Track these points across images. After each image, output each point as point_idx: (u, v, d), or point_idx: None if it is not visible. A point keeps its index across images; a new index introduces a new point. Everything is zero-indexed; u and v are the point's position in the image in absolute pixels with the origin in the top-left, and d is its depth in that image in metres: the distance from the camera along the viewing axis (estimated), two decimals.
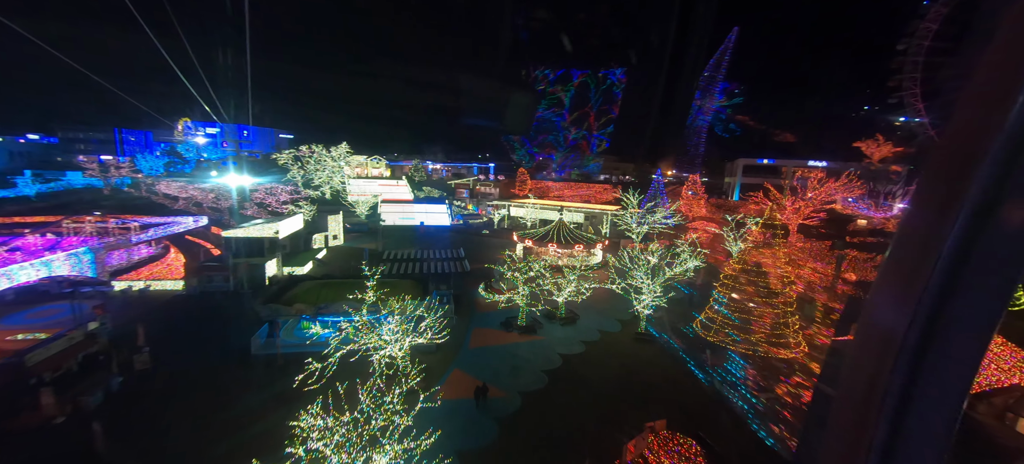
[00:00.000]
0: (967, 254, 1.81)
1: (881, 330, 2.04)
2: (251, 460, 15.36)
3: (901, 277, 2.02)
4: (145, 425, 21.99)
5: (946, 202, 1.88)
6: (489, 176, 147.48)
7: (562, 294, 37.46)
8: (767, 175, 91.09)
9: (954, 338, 1.89)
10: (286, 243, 52.26)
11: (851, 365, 2.25)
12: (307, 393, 18.65)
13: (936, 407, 1.95)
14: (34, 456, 19.54)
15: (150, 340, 28.73)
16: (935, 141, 40.30)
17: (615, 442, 20.18)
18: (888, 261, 2.16)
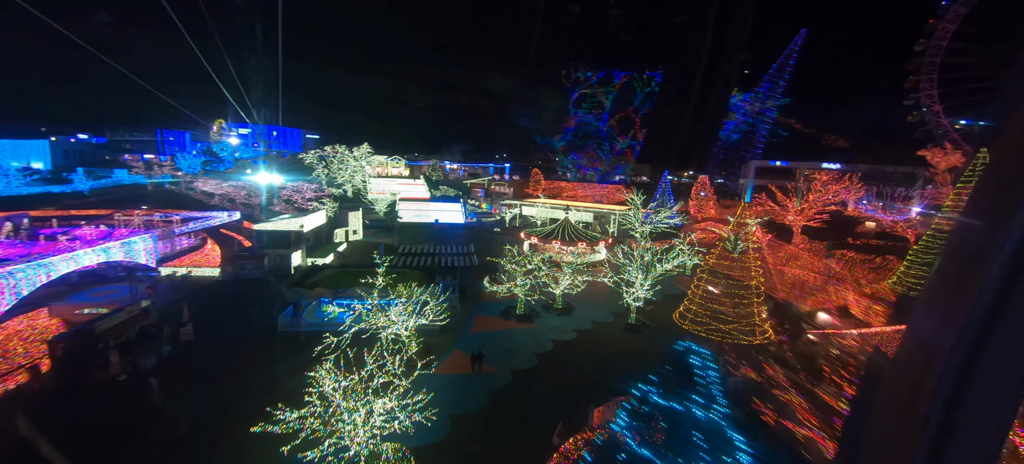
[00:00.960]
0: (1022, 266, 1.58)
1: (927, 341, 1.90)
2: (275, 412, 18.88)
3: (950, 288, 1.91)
4: (189, 384, 26.05)
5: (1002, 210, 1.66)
6: (504, 176, 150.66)
7: (559, 287, 40.32)
8: (781, 177, 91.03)
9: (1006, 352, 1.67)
10: (310, 237, 56.79)
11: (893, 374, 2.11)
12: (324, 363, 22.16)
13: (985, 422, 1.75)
14: (103, 404, 23.75)
15: (192, 317, 33.10)
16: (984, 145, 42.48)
17: (586, 409, 22.96)
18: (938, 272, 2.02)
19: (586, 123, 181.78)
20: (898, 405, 2.11)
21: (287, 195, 79.96)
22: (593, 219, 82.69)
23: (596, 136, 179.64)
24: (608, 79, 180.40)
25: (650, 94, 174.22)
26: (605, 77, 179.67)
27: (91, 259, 41.56)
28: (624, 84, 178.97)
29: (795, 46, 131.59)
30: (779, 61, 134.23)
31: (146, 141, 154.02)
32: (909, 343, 2.20)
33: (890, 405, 2.19)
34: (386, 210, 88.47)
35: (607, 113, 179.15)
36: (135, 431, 21.55)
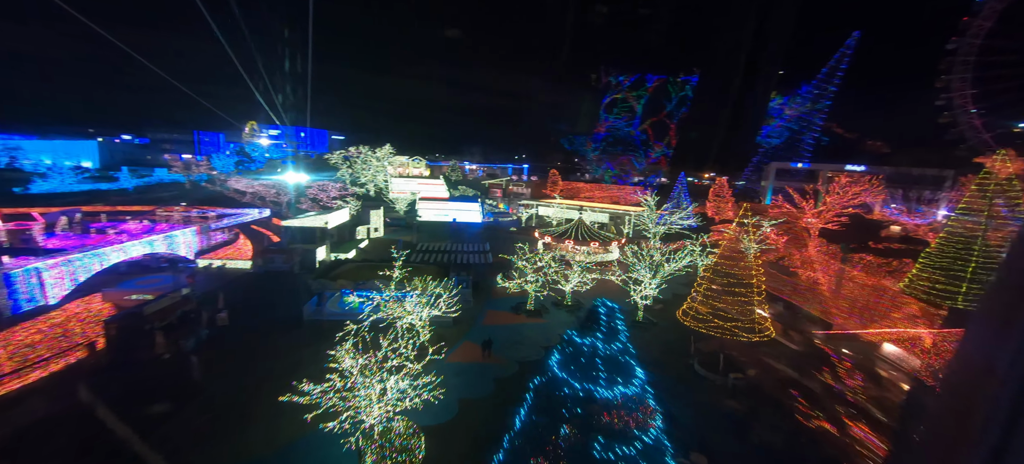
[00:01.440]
0: None
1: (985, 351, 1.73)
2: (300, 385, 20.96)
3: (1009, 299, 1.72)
4: (224, 363, 28.62)
5: None
6: (522, 177, 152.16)
7: (569, 284, 41.58)
8: (802, 179, 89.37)
9: None
10: (334, 233, 59.72)
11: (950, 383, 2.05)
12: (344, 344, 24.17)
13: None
14: (149, 378, 26.50)
15: (227, 304, 35.95)
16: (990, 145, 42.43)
17: None
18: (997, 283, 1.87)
19: (617, 128, 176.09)
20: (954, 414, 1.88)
21: (313, 193, 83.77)
22: (608, 220, 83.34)
23: (627, 142, 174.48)
24: (640, 83, 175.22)
25: (684, 98, 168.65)
26: (637, 81, 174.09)
27: (137, 250, 45.34)
28: (657, 88, 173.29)
29: (847, 49, 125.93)
30: (830, 64, 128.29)
31: (184, 141, 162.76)
32: (966, 352, 1.97)
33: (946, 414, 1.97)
34: (406, 209, 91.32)
35: (639, 118, 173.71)
36: (178, 401, 24.11)
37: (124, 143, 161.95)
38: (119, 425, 21.04)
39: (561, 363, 7.22)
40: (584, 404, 6.53)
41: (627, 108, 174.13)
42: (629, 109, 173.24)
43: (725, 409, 25.31)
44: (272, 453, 20.86)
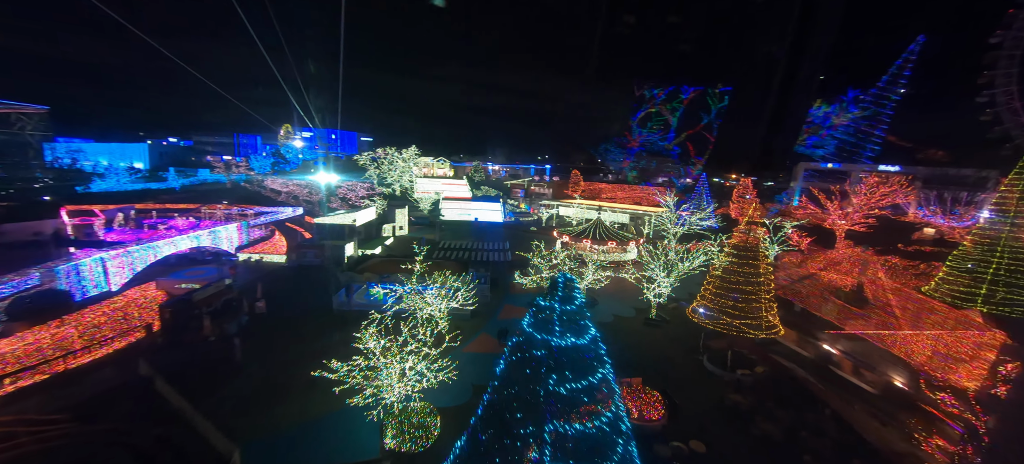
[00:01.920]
0: None
1: None
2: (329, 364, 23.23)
3: None
4: (262, 346, 31.46)
5: None
6: (544, 177, 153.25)
7: (583, 281, 42.73)
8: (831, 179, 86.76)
9: None
10: (361, 230, 62.85)
11: None
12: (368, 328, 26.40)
13: None
14: (198, 356, 29.53)
15: (265, 294, 39.08)
16: None
17: None
18: None
19: (652, 142, 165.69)
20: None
21: (343, 193, 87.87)
22: (629, 220, 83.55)
23: (662, 155, 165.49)
24: (674, 95, 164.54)
25: (723, 110, 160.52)
26: (672, 93, 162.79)
27: (185, 244, 49.47)
28: (694, 99, 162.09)
29: (911, 54, 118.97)
30: (892, 70, 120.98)
31: (224, 144, 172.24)
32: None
33: None
34: (430, 208, 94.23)
35: (673, 131, 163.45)
36: (223, 377, 26.95)
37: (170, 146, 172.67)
38: (173, 395, 23.88)
39: (529, 322, 8.61)
40: (545, 349, 7.94)
41: (661, 122, 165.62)
42: (663, 123, 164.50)
43: (729, 402, 26.04)
44: (304, 424, 23.20)
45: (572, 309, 8.50)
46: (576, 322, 8.39)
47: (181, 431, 21.71)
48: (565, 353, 8.06)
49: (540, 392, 7.80)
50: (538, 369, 7.90)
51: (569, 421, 7.83)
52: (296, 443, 21.94)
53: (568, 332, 8.14)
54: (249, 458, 20.24)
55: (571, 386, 7.93)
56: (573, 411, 7.88)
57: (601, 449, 7.98)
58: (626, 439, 8.89)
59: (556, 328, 8.20)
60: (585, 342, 8.44)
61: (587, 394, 8.12)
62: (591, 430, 8.06)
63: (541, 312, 8.52)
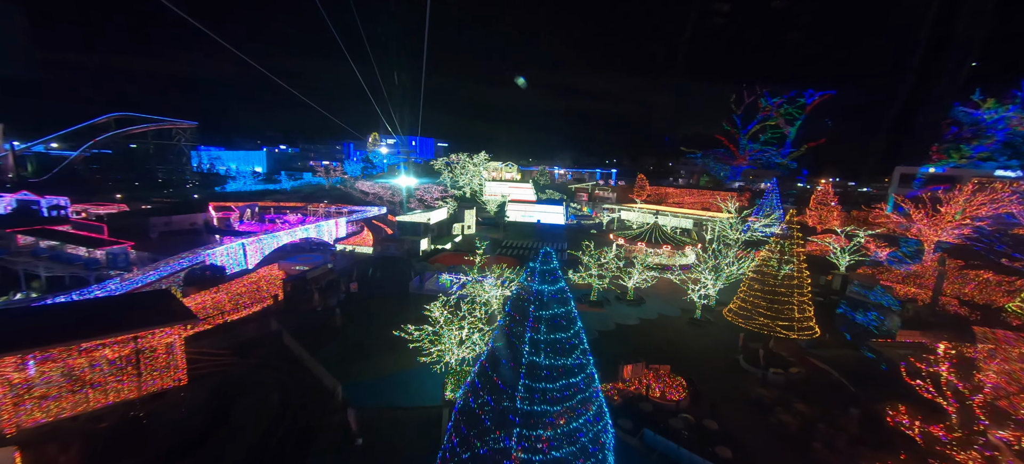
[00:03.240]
0: None
1: None
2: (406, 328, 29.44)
3: None
4: (355, 316, 39.17)
5: None
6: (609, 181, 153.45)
7: (631, 281, 45.57)
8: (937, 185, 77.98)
9: None
10: (435, 228, 70.80)
11: None
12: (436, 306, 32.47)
13: None
14: (309, 321, 37.86)
15: (357, 277, 47.50)
16: None
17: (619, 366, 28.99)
18: None
19: (767, 158, 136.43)
20: None
21: (420, 195, 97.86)
22: (692, 225, 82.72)
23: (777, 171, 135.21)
24: (795, 100, 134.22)
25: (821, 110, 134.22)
26: (792, 98, 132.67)
27: (297, 236, 60.56)
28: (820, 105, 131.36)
29: None
30: None
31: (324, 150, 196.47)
32: None
33: None
34: (496, 209, 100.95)
35: (790, 144, 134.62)
36: (327, 337, 34.72)
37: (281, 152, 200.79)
38: (295, 345, 31.81)
39: (523, 277, 12.64)
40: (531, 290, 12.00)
41: (778, 135, 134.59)
42: (780, 137, 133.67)
43: (754, 395, 27.90)
44: (386, 375, 29.73)
45: (548, 268, 12.62)
46: (551, 275, 12.46)
47: (301, 370, 29.29)
48: (542, 293, 12.27)
49: (529, 311, 12.08)
50: (527, 300, 12.21)
51: (546, 332, 11.96)
52: (380, 387, 28.43)
53: (544, 282, 12.30)
54: (347, 393, 26.97)
55: (546, 312, 12.09)
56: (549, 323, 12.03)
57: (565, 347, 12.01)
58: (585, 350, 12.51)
59: (537, 279, 12.42)
60: (556, 288, 12.52)
61: (557, 317, 12.19)
62: (561, 337, 12.08)
63: (531, 271, 12.80)
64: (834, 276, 51.41)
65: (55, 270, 44.77)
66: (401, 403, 26.76)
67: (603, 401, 13.25)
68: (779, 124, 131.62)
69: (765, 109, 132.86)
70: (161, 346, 24.61)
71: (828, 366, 29.73)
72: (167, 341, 24.99)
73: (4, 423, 20.15)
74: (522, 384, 11.63)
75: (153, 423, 22.20)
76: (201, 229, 70.00)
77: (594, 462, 11.91)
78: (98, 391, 22.68)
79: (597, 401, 12.66)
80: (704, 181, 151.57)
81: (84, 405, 22.29)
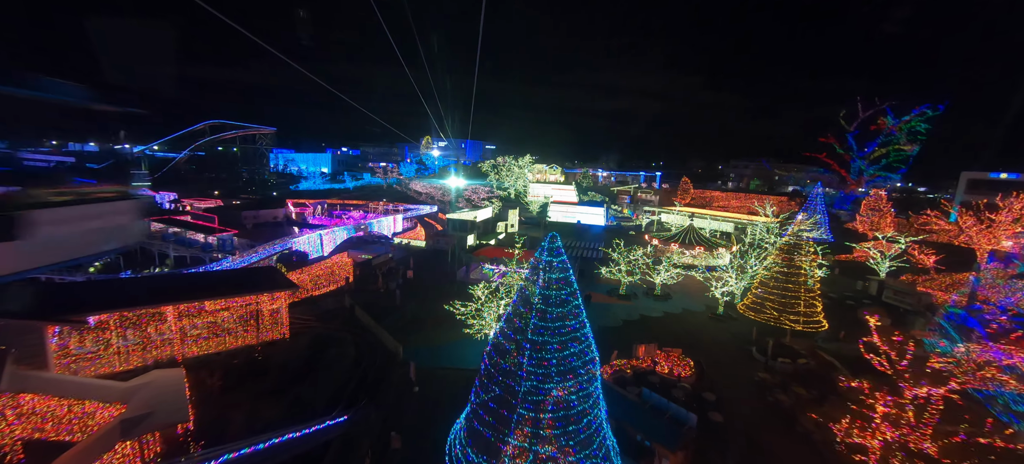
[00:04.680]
0: None
1: None
2: (455, 303, 35.44)
3: None
4: (412, 297, 46.02)
5: None
6: (653, 184, 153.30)
7: (658, 277, 49.04)
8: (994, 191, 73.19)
9: None
10: (480, 225, 77.26)
11: None
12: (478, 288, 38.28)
13: None
14: (374, 300, 45.15)
15: (413, 266, 54.64)
16: None
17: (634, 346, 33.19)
18: None
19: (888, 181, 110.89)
20: None
21: (468, 195, 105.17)
22: (733, 229, 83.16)
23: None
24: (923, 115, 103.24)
25: None
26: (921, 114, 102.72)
27: (361, 230, 69.26)
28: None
29: None
30: None
31: (381, 152, 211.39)
32: None
33: None
34: (538, 209, 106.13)
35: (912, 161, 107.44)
36: (389, 312, 41.67)
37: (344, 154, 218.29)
38: (364, 316, 38.93)
39: (537, 252, 17.44)
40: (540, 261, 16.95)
41: (902, 157, 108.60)
42: (904, 158, 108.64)
43: (757, 379, 31.08)
44: (437, 343, 35.97)
45: (554, 247, 17.53)
46: (556, 251, 17.38)
47: (370, 335, 36.23)
48: (551, 262, 17.33)
49: (539, 273, 17.21)
50: (539, 267, 17.36)
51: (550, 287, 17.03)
52: (432, 352, 34.65)
53: (551, 255, 17.28)
54: (407, 356, 33.38)
55: (554, 275, 17.13)
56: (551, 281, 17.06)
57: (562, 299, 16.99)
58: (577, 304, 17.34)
59: (546, 253, 17.41)
60: (559, 259, 17.43)
61: (557, 279, 17.16)
62: (563, 294, 17.12)
63: (542, 248, 17.83)
64: (870, 281, 51.52)
65: (180, 251, 55.84)
66: (449, 365, 32.78)
67: (592, 340, 18.06)
68: (902, 146, 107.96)
69: (889, 126, 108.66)
70: (273, 307, 32.32)
71: (833, 359, 32.03)
72: (275, 305, 32.69)
73: (176, 353, 28.37)
74: (532, 321, 16.83)
75: (268, 362, 29.72)
76: (282, 222, 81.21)
77: (584, 372, 16.93)
78: (231, 336, 30.62)
79: (586, 340, 17.49)
80: (754, 185, 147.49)
81: (222, 346, 30.28)
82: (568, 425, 16.73)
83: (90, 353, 25.80)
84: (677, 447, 20.39)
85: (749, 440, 24.17)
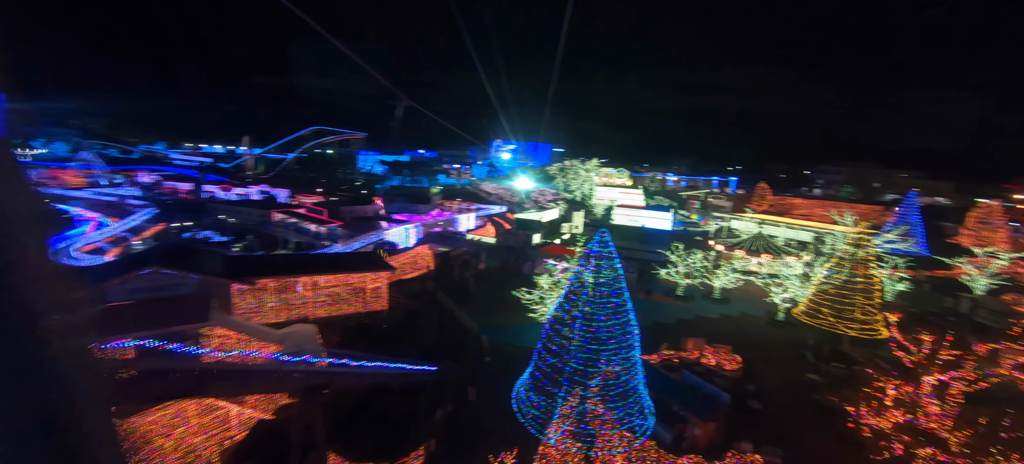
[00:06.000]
0: None
1: None
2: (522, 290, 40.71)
3: None
4: (484, 285, 52.26)
5: None
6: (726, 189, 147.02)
7: (718, 281, 50.36)
8: None
9: None
10: (546, 226, 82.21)
11: None
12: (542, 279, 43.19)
13: None
14: (452, 286, 52.02)
15: (484, 259, 61.06)
16: None
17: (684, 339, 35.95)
18: None
19: None
20: None
21: (535, 196, 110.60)
22: (811, 239, 79.24)
23: None
24: None
25: None
26: None
27: (439, 225, 77.63)
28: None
29: None
30: None
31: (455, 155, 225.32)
32: None
33: None
34: (603, 213, 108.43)
35: None
36: (464, 297, 48.17)
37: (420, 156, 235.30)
38: (445, 299, 45.76)
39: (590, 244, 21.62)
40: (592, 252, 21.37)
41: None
42: None
43: (804, 379, 32.42)
44: (505, 325, 41.58)
45: (605, 240, 21.77)
46: (606, 245, 21.66)
47: (449, 314, 42.84)
48: (601, 253, 21.72)
49: (590, 263, 21.69)
50: (590, 257, 21.88)
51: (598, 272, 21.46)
52: (501, 331, 40.28)
53: (601, 247, 21.64)
54: (480, 331, 39.29)
55: (600, 263, 21.52)
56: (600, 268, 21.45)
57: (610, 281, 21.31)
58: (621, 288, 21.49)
59: (596, 244, 21.75)
60: (607, 250, 21.66)
61: (607, 267, 21.45)
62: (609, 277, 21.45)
63: (594, 242, 22.15)
64: (961, 299, 48.02)
65: (298, 238, 67.84)
66: (514, 343, 38.17)
67: (633, 317, 22.18)
68: None
69: None
70: (375, 285, 40.09)
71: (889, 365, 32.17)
72: (377, 283, 40.43)
73: (309, 312, 36.97)
74: (583, 296, 21.45)
75: (372, 327, 37.31)
76: (373, 216, 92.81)
77: (625, 340, 21.23)
78: (345, 304, 38.77)
79: (627, 316, 21.61)
80: (845, 192, 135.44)
81: (338, 311, 38.52)
82: (609, 381, 21.08)
83: (254, 307, 34.96)
84: (708, 418, 23.65)
85: (780, 424, 26.38)
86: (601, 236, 22.05)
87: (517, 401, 24.80)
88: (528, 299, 39.13)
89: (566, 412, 21.10)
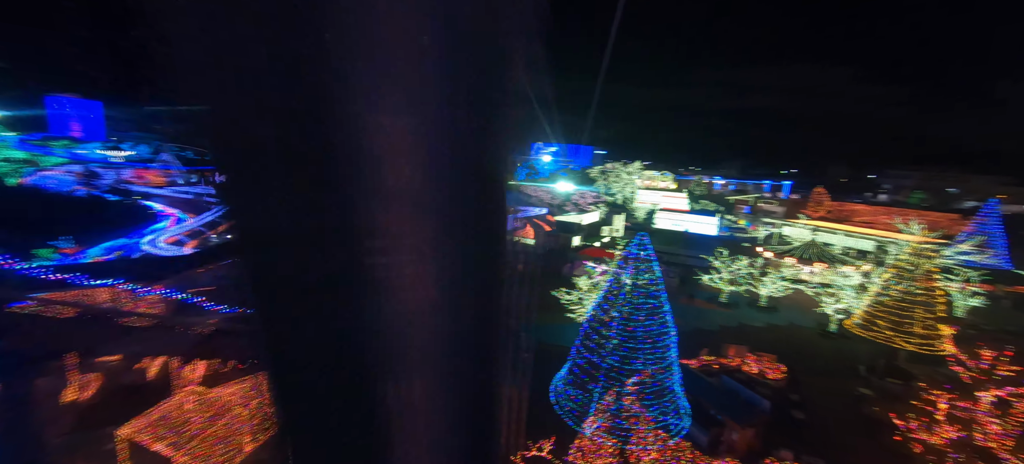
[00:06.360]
0: None
1: None
2: (562, 290, 41.79)
3: None
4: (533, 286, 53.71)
5: None
6: (778, 194, 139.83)
7: (764, 289, 48.91)
8: None
9: None
10: (586, 228, 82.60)
11: None
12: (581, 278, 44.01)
13: None
14: None
15: (523, 261, 62.76)
16: None
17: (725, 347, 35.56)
18: None
19: None
20: None
21: (575, 199, 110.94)
22: (873, 247, 74.32)
23: None
24: None
25: None
26: None
27: None
28: None
29: None
30: None
31: None
32: None
33: None
34: (644, 216, 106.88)
35: None
36: None
37: None
38: None
39: (629, 246, 22.21)
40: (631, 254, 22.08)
41: None
42: None
43: (855, 394, 31.24)
44: (543, 325, 42.83)
45: (644, 243, 22.47)
46: (645, 247, 22.38)
47: None
48: (639, 255, 22.47)
49: (629, 266, 22.48)
50: (628, 257, 22.67)
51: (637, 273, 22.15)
52: (539, 330, 41.57)
53: (640, 250, 22.38)
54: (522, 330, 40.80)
55: (639, 265, 22.26)
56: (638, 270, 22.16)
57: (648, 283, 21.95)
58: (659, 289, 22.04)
59: (635, 247, 22.52)
60: (646, 253, 22.35)
61: (645, 269, 22.17)
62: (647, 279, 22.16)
63: (633, 244, 22.91)
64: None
65: None
66: (551, 342, 39.30)
67: (670, 319, 22.77)
68: None
69: None
70: None
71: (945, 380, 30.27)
72: None
73: None
74: (622, 296, 22.36)
75: None
76: None
77: (661, 341, 21.92)
78: None
79: (664, 317, 22.26)
80: (916, 198, 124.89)
81: None
82: (645, 380, 21.85)
83: None
84: (746, 424, 23.75)
85: (824, 435, 25.82)
86: (640, 239, 22.86)
87: (555, 394, 26.03)
88: (567, 299, 40.13)
89: (602, 408, 22.07)
